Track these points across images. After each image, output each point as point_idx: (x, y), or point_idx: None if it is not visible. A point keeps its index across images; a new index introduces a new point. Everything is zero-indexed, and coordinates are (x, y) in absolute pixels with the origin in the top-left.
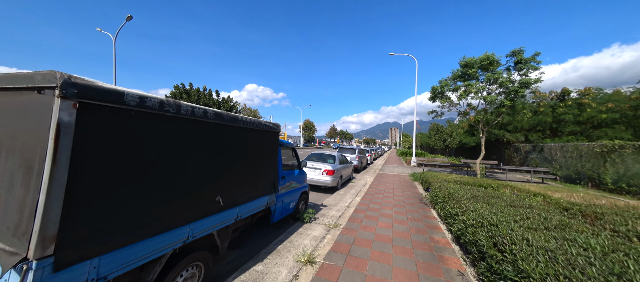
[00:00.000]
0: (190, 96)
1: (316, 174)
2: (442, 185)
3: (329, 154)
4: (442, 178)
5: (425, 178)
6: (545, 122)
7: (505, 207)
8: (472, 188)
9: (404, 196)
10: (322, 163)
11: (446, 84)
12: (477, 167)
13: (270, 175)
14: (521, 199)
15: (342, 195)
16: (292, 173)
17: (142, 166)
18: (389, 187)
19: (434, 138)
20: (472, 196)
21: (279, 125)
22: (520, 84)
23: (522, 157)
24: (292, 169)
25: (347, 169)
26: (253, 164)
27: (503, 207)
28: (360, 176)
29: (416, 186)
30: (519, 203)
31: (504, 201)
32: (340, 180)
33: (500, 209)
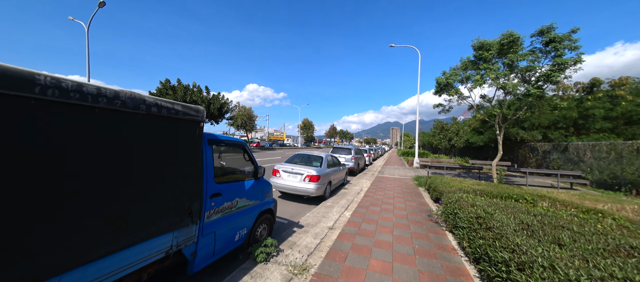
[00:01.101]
0: (176, 92)
1: (297, 180)
2: (461, 199)
3: (315, 156)
4: (455, 186)
5: (434, 185)
6: (569, 118)
7: (594, 252)
8: (504, 204)
9: (408, 209)
10: (304, 167)
11: (455, 74)
12: (493, 170)
13: (179, 195)
14: (588, 223)
15: (328, 208)
16: (239, 186)
17: None
18: (388, 196)
19: (438, 137)
20: (521, 223)
21: (202, 111)
22: (555, 67)
23: (539, 158)
24: (238, 179)
25: (338, 173)
26: (137, 179)
27: (591, 253)
28: (356, 179)
29: (421, 193)
30: (604, 241)
31: (583, 237)
32: (329, 187)
33: (588, 255)
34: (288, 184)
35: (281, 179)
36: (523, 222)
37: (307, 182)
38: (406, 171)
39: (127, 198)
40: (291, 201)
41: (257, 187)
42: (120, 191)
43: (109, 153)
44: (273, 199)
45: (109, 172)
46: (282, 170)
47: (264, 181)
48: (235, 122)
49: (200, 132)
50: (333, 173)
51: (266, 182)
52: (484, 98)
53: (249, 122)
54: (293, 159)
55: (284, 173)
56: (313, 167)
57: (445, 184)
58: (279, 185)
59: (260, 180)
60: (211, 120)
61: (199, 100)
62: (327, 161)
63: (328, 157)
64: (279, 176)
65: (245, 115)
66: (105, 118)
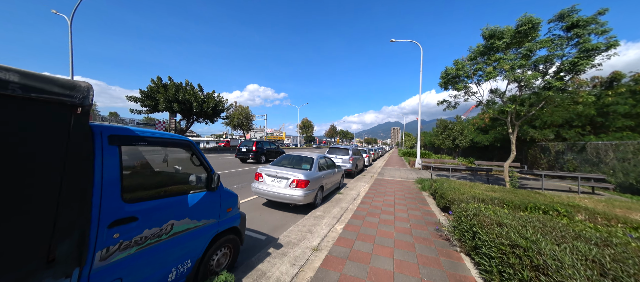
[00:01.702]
0: (168, 90)
1: (281, 186)
2: (480, 213)
3: (305, 157)
4: (467, 192)
5: (441, 191)
6: (585, 116)
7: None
8: (537, 220)
9: (412, 219)
10: (291, 170)
11: (462, 65)
12: (505, 173)
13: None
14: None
15: (318, 218)
16: (175, 203)
17: None
18: (388, 202)
19: (441, 136)
20: (586, 261)
21: (82, 88)
22: (583, 54)
23: (551, 159)
24: (174, 193)
25: (332, 176)
26: None
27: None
28: (354, 182)
29: (425, 198)
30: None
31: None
32: (321, 193)
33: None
34: (271, 190)
35: (264, 184)
36: (588, 259)
37: (294, 188)
38: (407, 173)
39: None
40: (276, 209)
41: (211, 201)
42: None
43: None
44: (239, 213)
45: None
46: (265, 173)
47: (225, 192)
48: (231, 121)
49: (81, 124)
50: (326, 177)
51: (228, 193)
52: (495, 93)
53: (246, 121)
54: (280, 160)
55: (268, 177)
56: (301, 170)
57: (454, 189)
58: (262, 191)
59: (217, 191)
60: (206, 119)
61: (192, 98)
62: (319, 163)
63: (320, 158)
64: (261, 180)
65: (242, 114)
66: None
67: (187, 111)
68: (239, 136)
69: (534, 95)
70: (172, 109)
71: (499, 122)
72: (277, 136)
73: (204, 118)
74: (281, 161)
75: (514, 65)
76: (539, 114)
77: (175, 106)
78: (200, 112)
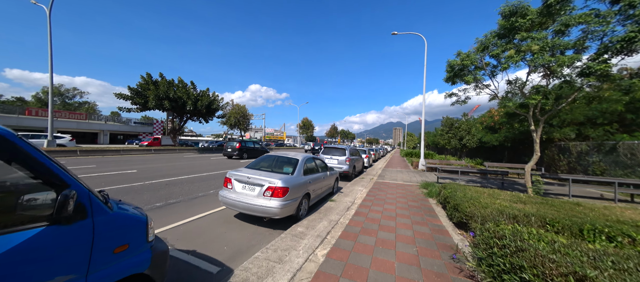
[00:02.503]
0: (158, 87)
1: (254, 194)
2: (522, 239)
3: (288, 159)
4: (489, 204)
5: (454, 201)
6: (612, 112)
7: None
8: (605, 255)
9: (419, 242)
10: (268, 174)
11: (467, 55)
12: (526, 178)
13: None
14: None
15: (297, 238)
16: None
17: None
18: (389, 213)
19: (446, 136)
20: None
21: None
22: None
23: (572, 160)
24: None
25: (322, 181)
26: None
27: None
28: (350, 186)
29: (433, 207)
30: None
31: None
32: (307, 202)
33: None
34: (241, 200)
35: (233, 192)
36: None
37: (269, 197)
38: (411, 175)
39: None
40: (249, 222)
41: (61, 242)
42: None
43: None
44: (149, 250)
45: None
46: (235, 179)
47: (111, 218)
48: (228, 121)
49: None
50: (314, 182)
51: (122, 218)
52: (514, 84)
53: (243, 120)
54: (258, 162)
55: (238, 183)
56: (281, 174)
57: (471, 200)
58: (229, 201)
59: (86, 221)
60: (199, 118)
61: (185, 96)
62: (304, 165)
63: (307, 159)
64: (230, 187)
65: (238, 113)
66: None
67: (179, 109)
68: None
69: (565, 85)
70: (162, 106)
71: (517, 118)
72: (278, 136)
73: (197, 116)
74: (259, 163)
75: (546, 45)
76: (556, 111)
77: (165, 104)
78: (194, 111)
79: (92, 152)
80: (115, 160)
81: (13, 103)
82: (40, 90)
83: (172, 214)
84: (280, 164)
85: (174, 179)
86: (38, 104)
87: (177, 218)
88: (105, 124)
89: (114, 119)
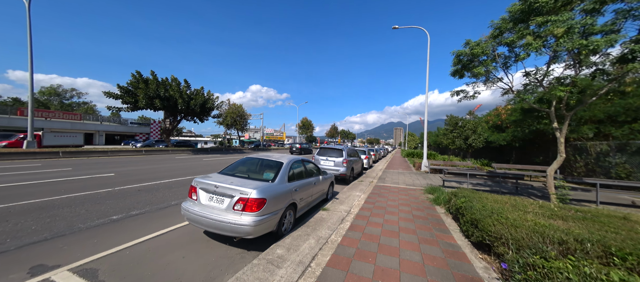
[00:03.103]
0: (149, 86)
1: (222, 208)
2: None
3: (270, 162)
4: (519, 221)
5: (469, 212)
6: (637, 108)
7: None
8: None
9: (431, 272)
10: (241, 182)
11: (478, 43)
12: (548, 182)
13: None
14: None
15: (270, 267)
16: None
17: None
18: (390, 226)
19: (450, 135)
20: None
21: None
22: None
23: (591, 162)
24: None
25: (313, 187)
26: None
27: None
28: (348, 190)
29: (441, 217)
30: None
31: None
32: (292, 214)
33: None
34: (206, 214)
35: (197, 204)
36: None
37: (239, 212)
38: (413, 178)
39: None
40: (219, 241)
41: None
42: None
43: None
44: None
45: None
46: (201, 187)
47: None
48: (224, 120)
49: None
50: (302, 189)
51: None
52: (534, 74)
53: (240, 120)
54: (236, 166)
55: (204, 194)
56: (259, 181)
57: (497, 216)
58: (192, 216)
59: None
60: (193, 118)
61: (176, 95)
62: (290, 169)
63: (293, 163)
64: (195, 198)
65: (235, 113)
66: None
67: (171, 109)
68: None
69: (599, 74)
70: (153, 106)
71: (534, 115)
72: (278, 136)
73: (191, 116)
74: (237, 167)
75: (573, 27)
76: (585, 105)
77: (156, 103)
78: (187, 110)
79: (76, 154)
80: (98, 162)
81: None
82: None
83: (126, 230)
84: (260, 169)
85: (151, 184)
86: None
87: (130, 236)
88: (101, 124)
89: (110, 120)
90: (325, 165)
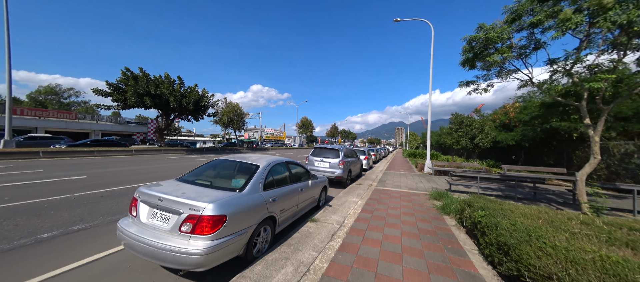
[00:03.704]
0: (138, 82)
1: (165, 230)
2: None
3: (242, 166)
4: (582, 254)
5: (495, 233)
6: None
7: None
8: None
9: None
10: (198, 192)
11: (493, 27)
12: (580, 189)
13: None
14: None
15: None
16: None
17: None
18: (391, 245)
19: (455, 134)
20: None
21: None
22: None
23: (615, 164)
24: None
25: (299, 195)
26: None
27: None
28: (344, 195)
29: (454, 233)
30: None
31: None
32: (271, 228)
33: None
34: (143, 237)
35: (136, 222)
36: None
37: (187, 235)
38: (416, 180)
39: None
40: (169, 270)
41: None
42: None
43: None
44: None
45: None
46: (142, 199)
47: None
48: (221, 120)
49: None
50: (284, 198)
51: None
52: (563, 62)
53: (238, 120)
54: (202, 171)
55: (145, 208)
56: (222, 191)
57: (540, 242)
58: (127, 239)
59: None
60: (186, 116)
61: (168, 92)
62: (267, 175)
63: (273, 166)
64: (135, 213)
65: (231, 112)
66: None
67: (162, 107)
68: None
69: None
70: (143, 104)
71: (556, 110)
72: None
73: (184, 115)
74: (203, 173)
75: None
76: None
77: (147, 101)
78: (179, 108)
79: (60, 154)
80: (79, 163)
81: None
82: (34, 90)
83: (49, 254)
84: (229, 174)
85: (122, 188)
86: (32, 103)
87: (49, 265)
88: (97, 123)
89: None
90: (319, 166)
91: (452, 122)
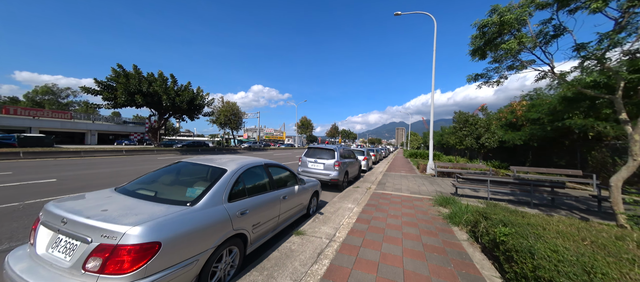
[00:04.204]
0: (129, 80)
1: (67, 264)
2: None
3: (204, 169)
4: None
5: (530, 262)
6: None
7: None
8: None
9: None
10: (121, 210)
11: (508, 8)
12: (615, 197)
13: None
14: None
15: None
16: None
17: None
18: (392, 271)
19: (459, 134)
20: None
21: None
22: None
23: None
24: None
25: (282, 203)
26: None
27: None
28: (338, 201)
29: (467, 251)
30: None
31: None
32: (240, 251)
33: None
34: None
35: (30, 255)
36: None
37: (95, 276)
38: (418, 182)
39: None
40: None
41: None
42: None
43: None
44: None
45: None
46: (44, 221)
47: None
48: (217, 119)
49: None
50: (258, 210)
51: None
52: (600, 44)
53: (235, 119)
54: (156, 177)
55: (46, 232)
56: (165, 206)
57: (586, 270)
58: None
59: None
60: (181, 115)
61: (161, 91)
62: (234, 182)
63: (245, 170)
64: (32, 241)
65: (228, 111)
66: None
67: (155, 105)
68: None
69: None
70: (134, 102)
71: (582, 105)
72: (277, 136)
73: (178, 114)
74: (155, 179)
75: None
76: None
77: (138, 99)
78: (173, 107)
79: (43, 154)
80: (59, 164)
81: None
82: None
83: None
84: (188, 181)
85: None
86: (29, 103)
87: None
88: (93, 123)
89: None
90: (313, 168)
91: (455, 120)
